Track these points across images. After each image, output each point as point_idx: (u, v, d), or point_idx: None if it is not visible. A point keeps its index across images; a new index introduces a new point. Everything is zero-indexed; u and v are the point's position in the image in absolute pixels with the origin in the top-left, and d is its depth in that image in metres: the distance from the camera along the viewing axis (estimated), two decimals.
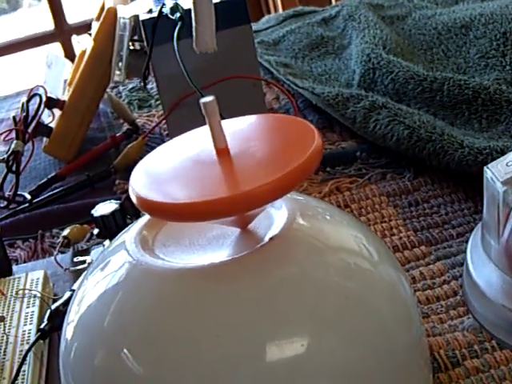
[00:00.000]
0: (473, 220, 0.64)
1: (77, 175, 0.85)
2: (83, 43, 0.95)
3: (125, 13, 0.82)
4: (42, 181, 0.82)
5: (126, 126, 0.97)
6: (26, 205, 0.78)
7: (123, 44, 0.81)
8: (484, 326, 0.52)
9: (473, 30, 0.96)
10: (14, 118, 0.83)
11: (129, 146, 0.83)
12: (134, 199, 0.38)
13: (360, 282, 0.40)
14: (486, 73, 0.86)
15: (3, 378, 0.47)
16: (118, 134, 0.92)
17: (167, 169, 0.40)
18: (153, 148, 0.87)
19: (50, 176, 0.83)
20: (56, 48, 2.35)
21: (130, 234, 0.43)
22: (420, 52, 0.97)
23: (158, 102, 1.01)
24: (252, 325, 0.36)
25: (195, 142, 0.42)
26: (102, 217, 0.58)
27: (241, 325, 0.36)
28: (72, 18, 2.36)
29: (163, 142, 0.89)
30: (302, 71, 1.00)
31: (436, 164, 0.69)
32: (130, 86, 1.09)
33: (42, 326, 0.51)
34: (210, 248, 0.41)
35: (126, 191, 0.77)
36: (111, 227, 0.58)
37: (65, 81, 0.99)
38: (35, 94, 0.85)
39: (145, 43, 0.80)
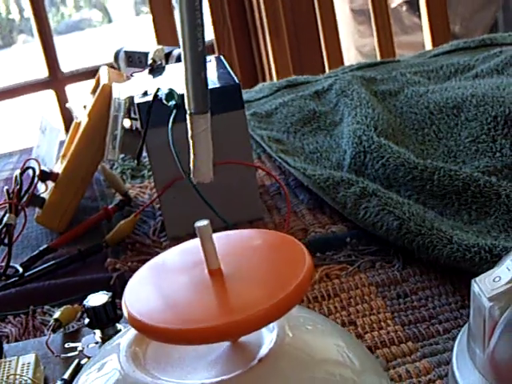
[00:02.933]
0: (459, 315, 0.65)
1: (68, 247, 0.85)
2: (77, 114, 0.97)
3: (120, 93, 0.83)
4: (34, 253, 0.83)
5: (118, 196, 0.97)
6: (18, 278, 0.78)
7: (117, 124, 0.83)
8: None
9: (464, 112, 0.98)
10: (7, 190, 0.84)
11: (121, 222, 0.84)
12: (128, 319, 0.39)
13: None
14: (476, 158, 0.88)
15: None
16: (110, 206, 0.92)
17: (161, 288, 0.41)
18: (144, 222, 0.88)
19: (41, 248, 0.83)
20: (50, 95, 2.37)
21: (124, 342, 0.43)
22: (411, 132, 0.99)
23: (151, 173, 1.02)
24: None
25: (189, 257, 0.43)
26: (94, 308, 0.59)
27: None
28: (66, 65, 2.39)
29: (155, 216, 0.90)
30: (294, 147, 1.01)
31: (425, 257, 0.70)
32: (123, 156, 1.10)
33: None
34: (201, 363, 0.41)
35: (117, 269, 0.78)
36: (102, 318, 0.59)
37: (58, 148, 1.00)
38: (28, 167, 0.85)
39: (139, 123, 0.81)
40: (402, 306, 0.67)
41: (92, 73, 2.37)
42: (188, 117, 0.54)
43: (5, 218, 0.82)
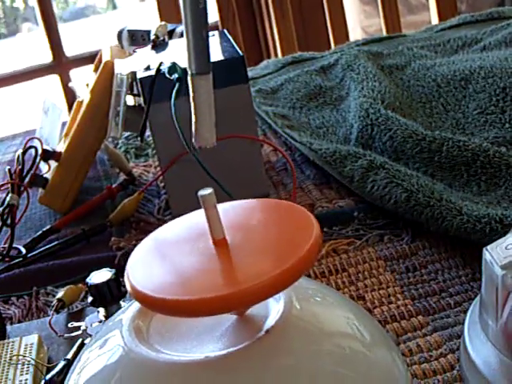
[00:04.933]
0: (470, 288, 0.63)
1: (72, 227, 0.84)
2: (80, 94, 0.95)
3: (122, 69, 0.82)
4: (37, 234, 0.82)
5: (122, 175, 0.96)
6: (21, 259, 0.77)
7: (120, 100, 0.81)
8: None
9: (472, 84, 0.96)
10: (9, 170, 0.82)
11: (125, 201, 0.83)
12: (131, 291, 0.37)
13: (354, 367, 0.40)
14: (485, 130, 0.86)
15: None
16: (114, 186, 0.91)
17: (164, 260, 0.39)
18: (149, 200, 0.87)
19: (44, 229, 0.82)
20: (54, 80, 2.36)
21: (126, 316, 0.42)
22: (419, 105, 0.97)
23: (155, 151, 1.01)
24: None
25: (193, 228, 0.42)
26: (97, 285, 0.57)
27: None
28: (70, 50, 2.37)
29: (159, 194, 0.88)
30: (300, 123, 1.00)
31: (434, 229, 0.69)
32: (127, 134, 1.08)
33: None
34: (207, 336, 0.40)
35: (122, 248, 0.77)
36: (105, 296, 0.58)
37: (61, 128, 0.99)
38: (31, 147, 0.84)
39: (141, 99, 0.80)
40: (411, 279, 0.66)
41: (96, 57, 2.36)
42: (189, 78, 0.52)
43: (7, 199, 0.80)
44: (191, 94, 0.53)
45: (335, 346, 0.41)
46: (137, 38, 1.06)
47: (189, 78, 0.54)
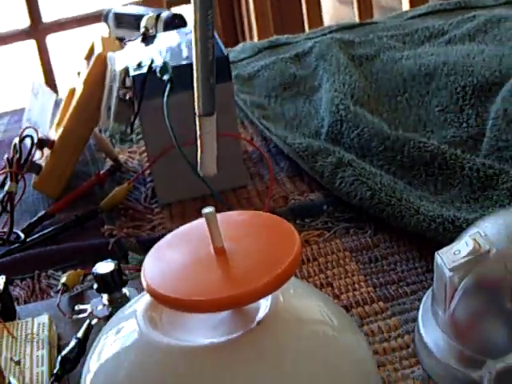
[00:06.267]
0: (425, 279, 0.73)
1: (64, 213, 0.91)
2: (71, 81, 1.02)
3: (115, 64, 0.89)
4: (34, 219, 0.89)
5: (108, 161, 1.03)
6: (20, 244, 0.85)
7: (112, 94, 0.88)
8: (431, 376, 0.60)
9: (435, 80, 1.04)
10: (7, 159, 0.89)
11: (116, 189, 0.90)
12: (147, 289, 0.47)
13: (327, 349, 0.50)
14: (444, 128, 0.94)
15: None
16: (102, 172, 0.98)
17: (173, 264, 0.48)
18: (136, 188, 0.94)
19: (40, 214, 0.89)
20: (31, 46, 2.39)
21: (140, 307, 0.50)
22: (385, 99, 1.05)
23: (140, 137, 1.08)
24: None
25: (197, 235, 0.50)
26: (102, 275, 0.67)
27: None
28: (48, 15, 2.41)
29: (145, 182, 0.96)
30: (275, 113, 1.07)
31: (394, 225, 0.78)
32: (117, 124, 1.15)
33: (55, 371, 0.60)
34: (207, 325, 0.49)
35: (114, 235, 0.85)
36: (109, 284, 0.67)
37: (53, 113, 1.05)
38: (27, 136, 0.91)
39: (132, 93, 0.87)
40: (373, 269, 0.75)
41: (74, 23, 2.40)
42: (197, 118, 0.60)
43: (6, 187, 0.87)
44: (198, 131, 0.60)
45: (312, 332, 0.50)
46: (123, 22, 1.13)
47: (196, 118, 0.61)
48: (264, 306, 0.49)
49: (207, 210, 0.47)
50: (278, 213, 0.84)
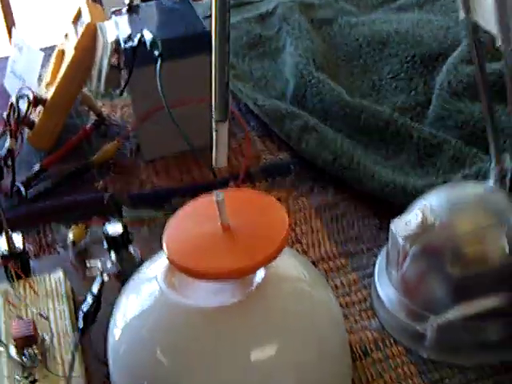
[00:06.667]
0: (378, 236, 0.85)
1: (56, 166, 1.01)
2: (61, 43, 1.10)
3: (105, 34, 0.98)
4: (31, 173, 0.99)
5: (92, 115, 1.13)
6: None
7: (103, 63, 0.98)
8: (386, 328, 0.74)
9: (388, 47, 1.15)
10: (7, 117, 0.99)
11: (107, 145, 1.01)
12: (169, 258, 0.59)
13: (306, 303, 0.63)
14: (395, 95, 1.07)
15: (58, 363, 0.67)
16: (87, 126, 1.09)
17: (188, 238, 0.61)
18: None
19: (37, 169, 0.99)
20: None
21: (159, 271, 0.63)
22: (343, 63, 1.16)
23: (132, 105, 1.15)
24: (243, 340, 0.59)
25: (204, 214, 0.63)
26: (113, 237, 0.78)
27: (235, 342, 0.59)
28: None
29: (128, 137, 1.06)
30: (244, 72, 1.18)
31: (354, 186, 0.90)
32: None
33: (80, 327, 0.69)
34: (212, 288, 0.62)
35: (106, 189, 0.96)
36: (119, 244, 0.78)
37: (40, 70, 1.13)
38: (23, 95, 1.01)
39: (122, 61, 0.97)
40: (335, 227, 0.87)
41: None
42: (213, 122, 0.70)
43: (6, 144, 0.97)
44: (213, 133, 0.71)
45: (293, 288, 0.64)
46: None
47: (213, 121, 0.71)
48: (259, 274, 0.61)
49: (219, 195, 0.59)
50: (252, 172, 0.95)
